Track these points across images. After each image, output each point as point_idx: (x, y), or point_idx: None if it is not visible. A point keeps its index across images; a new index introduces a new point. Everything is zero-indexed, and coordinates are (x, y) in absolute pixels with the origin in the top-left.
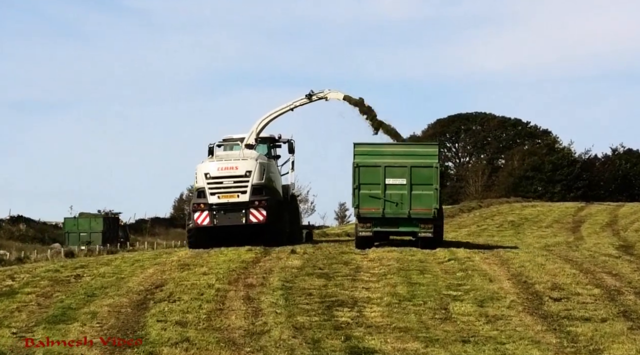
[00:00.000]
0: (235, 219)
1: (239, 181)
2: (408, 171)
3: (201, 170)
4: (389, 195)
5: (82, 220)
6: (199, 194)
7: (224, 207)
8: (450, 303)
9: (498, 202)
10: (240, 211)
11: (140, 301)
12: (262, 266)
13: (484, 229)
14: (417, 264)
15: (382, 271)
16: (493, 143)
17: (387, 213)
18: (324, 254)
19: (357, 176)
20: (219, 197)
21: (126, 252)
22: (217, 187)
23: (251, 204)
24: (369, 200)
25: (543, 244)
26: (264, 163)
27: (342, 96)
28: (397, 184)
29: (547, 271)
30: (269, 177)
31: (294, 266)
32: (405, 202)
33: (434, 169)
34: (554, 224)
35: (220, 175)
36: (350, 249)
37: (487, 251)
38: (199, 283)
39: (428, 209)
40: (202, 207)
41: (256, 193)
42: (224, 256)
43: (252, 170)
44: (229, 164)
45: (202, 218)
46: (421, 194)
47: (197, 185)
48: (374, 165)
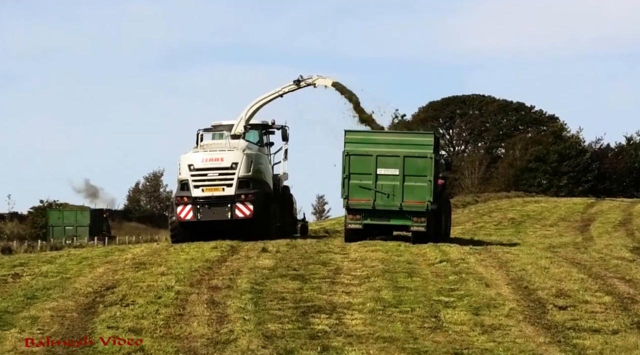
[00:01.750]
0: (220, 214)
1: (224, 173)
2: (401, 161)
3: (185, 161)
4: (380, 186)
5: (67, 213)
6: (182, 187)
7: (208, 200)
8: (441, 310)
9: (497, 197)
10: (226, 205)
11: (88, 305)
12: (229, 266)
13: (480, 227)
14: (405, 265)
15: (364, 273)
16: (492, 130)
17: (377, 205)
18: (300, 253)
19: (347, 165)
20: (203, 191)
21: (72, 249)
22: (201, 179)
23: (237, 197)
24: (359, 191)
25: (547, 244)
26: (251, 154)
27: (331, 82)
28: (389, 174)
29: (551, 275)
30: (257, 169)
31: (265, 266)
32: (397, 194)
33: (429, 160)
34: (559, 222)
35: (205, 167)
36: (329, 248)
37: (483, 252)
38: (156, 284)
39: (421, 201)
40: (185, 201)
41: (243, 186)
42: (185, 254)
43: (239, 162)
44: (214, 155)
45: (185, 212)
46: (414, 186)
47: (180, 177)
48: (365, 154)
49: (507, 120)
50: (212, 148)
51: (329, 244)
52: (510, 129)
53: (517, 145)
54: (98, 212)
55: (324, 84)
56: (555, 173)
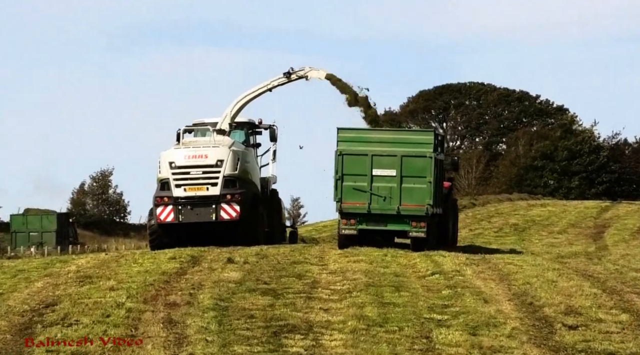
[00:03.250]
0: (204, 215)
1: (208, 172)
2: (398, 161)
3: (165, 159)
4: (376, 188)
5: (31, 218)
6: (163, 186)
7: (191, 201)
8: (433, 330)
9: (497, 200)
10: (210, 206)
11: (24, 325)
12: (189, 279)
13: (478, 234)
14: (392, 278)
15: (346, 287)
16: (492, 123)
17: (373, 208)
18: (271, 264)
19: (340, 165)
20: (185, 190)
21: (6, 260)
22: (183, 178)
23: (222, 198)
24: (353, 194)
25: (555, 254)
26: (238, 151)
27: (324, 75)
28: (386, 175)
29: (559, 290)
30: (245, 168)
31: (231, 279)
32: (394, 197)
33: (428, 159)
34: (569, 229)
35: (187, 165)
36: (305, 258)
37: (482, 262)
38: (104, 301)
39: (420, 205)
40: (165, 201)
41: (228, 185)
42: (138, 266)
43: (225, 159)
44: (197, 152)
45: (165, 214)
46: (413, 188)
47: (160, 176)
48: (359, 153)
49: (509, 112)
50: (195, 144)
51: (305, 253)
52: (512, 122)
53: (521, 141)
54: (65, 216)
55: (317, 77)
56: (565, 172)
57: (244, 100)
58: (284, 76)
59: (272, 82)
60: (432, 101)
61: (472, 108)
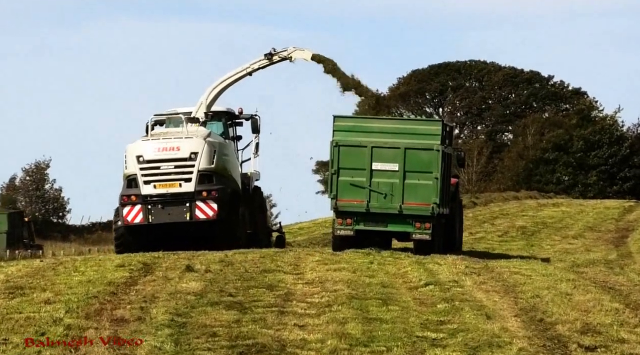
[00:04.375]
0: (177, 215)
1: (181, 166)
2: (401, 154)
3: (132, 152)
4: (375, 184)
5: None
6: (130, 183)
7: (162, 199)
8: (427, 350)
9: (502, 198)
10: (184, 204)
11: None
12: (140, 291)
13: (479, 239)
14: (378, 289)
15: (324, 300)
16: (496, 108)
17: (372, 207)
18: (237, 273)
19: (337, 158)
20: (155, 187)
21: None
22: (153, 173)
23: (197, 195)
24: (350, 190)
25: (570, 262)
26: (214, 142)
27: (310, 55)
28: (387, 169)
29: (575, 304)
30: (222, 161)
31: (191, 291)
32: (396, 194)
33: (435, 152)
34: (586, 233)
35: (158, 159)
36: (278, 265)
37: (483, 271)
38: (38, 316)
39: (425, 203)
40: (133, 200)
41: (204, 181)
42: (80, 275)
43: (199, 152)
44: (168, 144)
45: (133, 214)
46: (417, 184)
47: (126, 172)
48: (358, 144)
49: (516, 96)
50: (166, 136)
51: (277, 260)
52: (520, 107)
53: (530, 129)
54: (17, 215)
55: (302, 58)
56: (581, 167)
57: (221, 86)
58: (265, 58)
59: (252, 65)
60: (426, 83)
61: (473, 91)
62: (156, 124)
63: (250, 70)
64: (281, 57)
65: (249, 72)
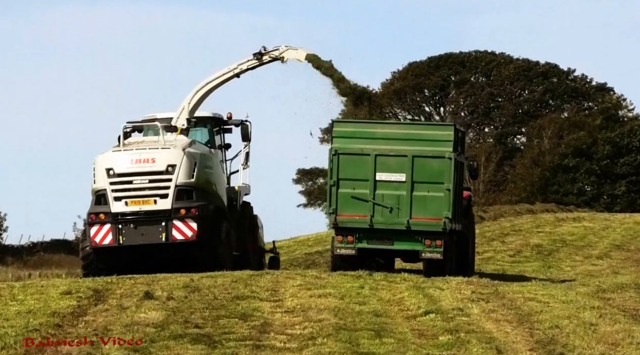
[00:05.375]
0: (152, 236)
1: (157, 180)
2: (409, 162)
3: (101, 165)
4: (380, 197)
5: None
6: (98, 200)
7: (134, 218)
8: None
9: (514, 212)
10: (159, 224)
11: None
12: (91, 322)
13: (488, 259)
14: (371, 319)
15: (308, 331)
16: (506, 107)
17: (376, 222)
18: (205, 301)
19: (336, 168)
20: (127, 204)
21: None
22: (124, 188)
23: (175, 213)
24: (352, 204)
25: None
26: (195, 153)
27: (304, 55)
28: (393, 180)
29: (600, 336)
30: (204, 175)
31: (150, 322)
32: (403, 208)
33: (447, 161)
34: (613, 252)
35: (130, 172)
36: (252, 291)
37: (493, 297)
38: None
39: (436, 218)
40: (101, 219)
41: (182, 197)
42: (18, 304)
43: (177, 164)
44: (142, 155)
45: (101, 235)
46: (427, 197)
47: (95, 187)
48: (360, 152)
49: (529, 92)
50: (140, 146)
51: (252, 285)
52: (535, 106)
53: (546, 131)
54: None
55: (295, 58)
56: (607, 175)
57: (206, 88)
58: (255, 58)
59: (239, 66)
60: (425, 77)
61: (479, 87)
62: (134, 131)
63: (238, 71)
64: (272, 57)
65: (237, 73)
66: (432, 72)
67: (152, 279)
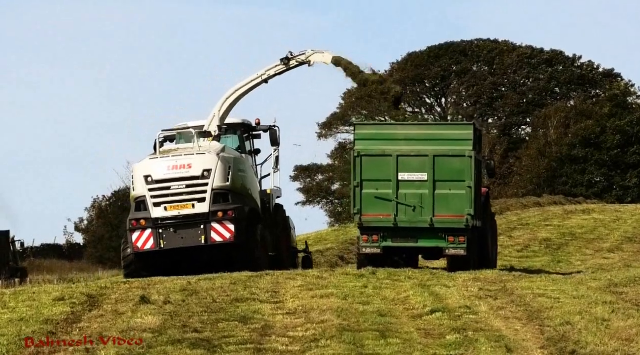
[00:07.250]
0: (191, 239)
1: (194, 185)
2: (430, 162)
3: (140, 172)
4: (403, 196)
5: None
6: (138, 206)
7: (174, 222)
8: None
9: (520, 205)
10: (198, 227)
11: None
12: (85, 329)
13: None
14: (375, 319)
15: (310, 333)
16: (510, 96)
17: (401, 221)
18: (204, 304)
19: (359, 169)
20: (166, 209)
21: None
22: (163, 194)
23: (213, 215)
24: (376, 204)
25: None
26: (229, 158)
27: (331, 59)
28: (415, 180)
29: (614, 332)
30: (239, 178)
31: (147, 327)
32: (426, 206)
33: (468, 159)
34: (625, 245)
35: (168, 178)
36: (252, 293)
37: (501, 294)
38: None
39: (459, 215)
40: (142, 225)
41: (219, 200)
42: (9, 312)
43: (213, 169)
44: (179, 162)
45: (143, 240)
46: (449, 195)
47: (134, 194)
48: (382, 154)
49: (534, 81)
50: (176, 153)
51: (252, 286)
52: (540, 95)
53: (552, 121)
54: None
55: (321, 61)
56: (617, 165)
57: (235, 95)
58: (282, 63)
59: (267, 72)
60: (426, 67)
61: (482, 76)
62: (167, 140)
63: (266, 77)
64: (299, 62)
65: (265, 79)
66: (433, 61)
67: (148, 283)
